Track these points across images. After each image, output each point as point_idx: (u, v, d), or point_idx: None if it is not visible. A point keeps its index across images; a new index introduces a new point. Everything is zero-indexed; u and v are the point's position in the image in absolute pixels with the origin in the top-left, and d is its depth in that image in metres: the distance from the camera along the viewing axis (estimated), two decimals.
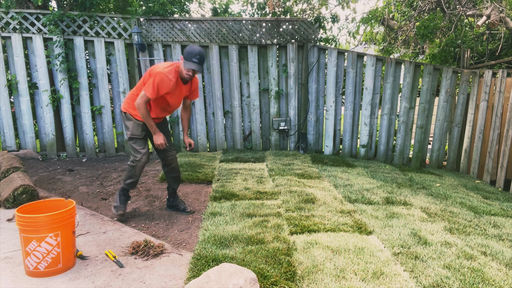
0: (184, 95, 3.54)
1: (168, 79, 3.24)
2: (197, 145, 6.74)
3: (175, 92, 3.38)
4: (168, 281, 2.35)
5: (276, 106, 6.70)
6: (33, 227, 2.35)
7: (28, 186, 3.73)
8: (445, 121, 6.44)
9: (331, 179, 4.83)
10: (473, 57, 7.35)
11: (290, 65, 6.53)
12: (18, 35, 6.05)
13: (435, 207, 3.88)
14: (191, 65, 3.19)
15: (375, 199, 4.00)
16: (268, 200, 3.87)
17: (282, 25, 6.50)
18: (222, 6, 8.05)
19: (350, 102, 6.58)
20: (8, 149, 6.21)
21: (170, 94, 3.36)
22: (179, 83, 3.37)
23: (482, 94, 5.90)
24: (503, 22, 5.88)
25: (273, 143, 6.82)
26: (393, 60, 6.41)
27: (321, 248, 2.71)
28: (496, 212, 3.93)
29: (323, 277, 2.32)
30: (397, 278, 2.34)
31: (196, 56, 3.18)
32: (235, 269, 2.06)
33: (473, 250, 2.84)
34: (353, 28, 9.24)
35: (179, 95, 3.47)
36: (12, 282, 2.33)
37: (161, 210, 3.75)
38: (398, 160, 6.61)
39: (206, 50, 6.49)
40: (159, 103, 3.42)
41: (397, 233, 3.06)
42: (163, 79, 3.22)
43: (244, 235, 2.90)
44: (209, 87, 6.62)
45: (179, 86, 3.39)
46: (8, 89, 6.20)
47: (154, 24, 6.30)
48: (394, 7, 8.04)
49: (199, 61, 3.21)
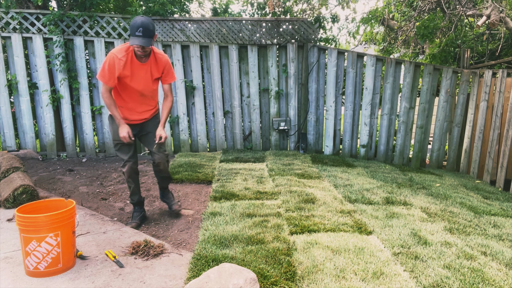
0: (152, 77, 3.18)
1: (117, 58, 2.95)
2: (197, 145, 6.74)
3: (135, 75, 3.08)
4: (168, 281, 2.35)
5: (276, 106, 6.70)
6: (33, 227, 2.34)
7: (28, 186, 3.73)
8: (445, 121, 6.44)
9: (331, 179, 4.83)
10: (473, 57, 7.35)
11: (290, 65, 6.54)
12: (18, 35, 6.05)
13: (435, 207, 3.88)
14: (135, 40, 2.86)
15: (375, 199, 4.00)
16: (268, 200, 3.87)
17: (282, 25, 6.50)
18: (222, 6, 8.05)
19: (350, 102, 6.58)
20: (8, 149, 6.21)
21: (129, 77, 3.07)
22: (136, 63, 3.05)
23: (482, 94, 5.90)
24: (503, 22, 5.88)
25: (273, 143, 6.82)
26: (393, 60, 6.41)
27: (321, 248, 2.71)
28: (496, 212, 3.93)
29: (323, 277, 2.32)
30: (397, 278, 2.34)
31: (139, 28, 2.83)
32: (235, 269, 2.06)
33: (473, 250, 2.84)
34: (353, 28, 9.24)
35: (143, 78, 3.13)
36: (12, 282, 2.33)
37: (161, 210, 3.75)
38: (398, 160, 6.61)
39: (206, 50, 6.49)
40: (127, 92, 3.14)
41: (397, 233, 3.06)
42: (113, 59, 2.95)
43: (244, 235, 2.90)
44: (209, 87, 6.62)
45: (138, 67, 3.07)
46: (8, 89, 6.21)
47: (154, 24, 6.30)
48: (394, 7, 8.04)
49: (143, 33, 2.85)
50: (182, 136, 6.63)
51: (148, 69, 3.12)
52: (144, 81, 3.15)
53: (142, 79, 3.12)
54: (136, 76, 3.10)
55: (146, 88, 3.19)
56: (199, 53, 6.44)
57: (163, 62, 3.19)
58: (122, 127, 3.12)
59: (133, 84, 3.11)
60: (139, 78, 3.11)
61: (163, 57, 3.21)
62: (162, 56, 3.21)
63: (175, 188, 4.43)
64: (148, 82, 3.17)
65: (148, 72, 3.13)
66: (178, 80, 6.44)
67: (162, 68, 3.20)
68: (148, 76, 3.14)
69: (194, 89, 6.52)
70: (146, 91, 3.20)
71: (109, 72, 2.97)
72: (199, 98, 6.56)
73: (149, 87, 3.21)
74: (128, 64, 3.02)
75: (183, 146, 6.65)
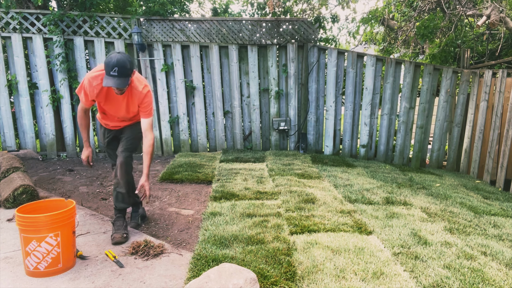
0: (131, 105, 2.94)
1: (91, 86, 2.78)
2: (197, 145, 6.74)
3: (110, 104, 2.91)
4: (168, 281, 2.35)
5: (276, 106, 6.70)
6: (33, 227, 2.34)
7: (28, 186, 3.73)
8: (445, 121, 6.44)
9: (331, 179, 4.83)
10: (473, 57, 7.35)
11: (290, 65, 6.54)
12: (18, 35, 6.05)
13: (435, 207, 3.88)
14: (109, 80, 2.60)
15: (375, 199, 4.00)
16: (268, 200, 3.87)
17: (282, 25, 6.50)
18: (222, 6, 8.05)
19: (350, 102, 6.58)
20: (8, 149, 6.21)
21: (103, 102, 2.91)
22: (112, 93, 2.86)
23: (482, 94, 5.90)
24: (503, 22, 5.88)
25: (273, 143, 6.82)
26: (393, 60, 6.41)
27: (321, 248, 2.71)
28: (496, 212, 3.93)
29: (323, 277, 2.32)
30: (397, 278, 2.34)
31: (114, 68, 2.56)
32: (235, 269, 2.06)
33: (473, 250, 2.84)
34: (353, 28, 9.24)
35: (120, 108, 2.93)
36: (12, 282, 2.33)
37: (161, 210, 3.75)
38: (398, 160, 6.61)
39: (206, 50, 6.49)
40: (106, 112, 3.02)
41: (397, 233, 3.06)
42: (88, 85, 2.79)
43: (244, 235, 2.90)
44: (209, 87, 6.62)
45: (114, 97, 2.87)
46: (8, 89, 6.20)
47: (154, 24, 6.31)
48: (394, 7, 8.04)
49: (118, 73, 2.58)
50: (182, 136, 6.63)
51: (124, 101, 2.91)
52: (122, 110, 2.97)
53: (119, 108, 2.95)
54: (113, 105, 2.93)
55: (126, 116, 3.03)
56: (199, 53, 6.44)
57: (138, 98, 2.90)
58: (84, 149, 3.14)
59: (110, 111, 2.98)
60: (116, 107, 2.93)
61: (139, 93, 2.89)
62: (138, 92, 2.89)
63: (175, 188, 4.43)
64: (126, 111, 2.99)
65: (124, 103, 2.93)
66: (178, 80, 6.44)
67: (137, 103, 2.94)
68: (125, 106, 2.95)
69: (194, 89, 6.52)
70: (122, 115, 3.03)
71: (84, 94, 2.85)
72: (199, 98, 6.56)
73: (126, 112, 3.01)
74: (103, 94, 2.85)
75: (183, 146, 6.65)
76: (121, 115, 3.01)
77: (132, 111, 3.01)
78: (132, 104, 2.95)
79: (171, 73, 6.49)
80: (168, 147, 6.66)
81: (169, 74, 6.50)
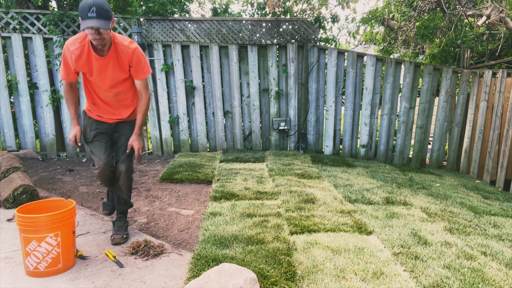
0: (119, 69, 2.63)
1: (69, 51, 2.50)
2: (197, 145, 6.74)
3: (95, 70, 2.59)
4: (168, 281, 2.35)
5: (276, 106, 6.70)
6: (33, 227, 2.34)
7: (28, 186, 3.73)
8: (445, 121, 6.44)
9: (331, 179, 4.83)
10: (473, 57, 7.35)
11: (290, 65, 6.54)
12: (18, 35, 6.05)
13: (435, 207, 3.88)
14: (87, 22, 2.30)
15: (375, 199, 4.00)
16: (268, 200, 3.87)
17: (282, 25, 6.50)
18: (222, 6, 8.05)
19: (350, 102, 6.58)
20: (8, 149, 6.21)
21: (88, 73, 2.61)
22: (95, 56, 2.53)
23: (482, 94, 5.90)
24: (503, 22, 5.88)
25: (273, 143, 6.82)
26: (393, 60, 6.41)
27: (321, 248, 2.71)
28: (496, 212, 3.94)
29: (323, 277, 2.32)
30: (397, 278, 2.34)
31: (91, 8, 2.29)
32: (235, 269, 2.06)
33: (473, 250, 2.84)
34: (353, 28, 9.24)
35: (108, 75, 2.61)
36: (12, 282, 2.33)
37: (161, 210, 3.75)
38: (398, 160, 6.61)
39: (206, 50, 6.49)
40: (95, 89, 2.72)
41: (397, 233, 3.06)
42: (66, 51, 2.52)
43: (244, 235, 2.90)
44: (209, 87, 6.62)
45: (98, 61, 2.55)
46: (8, 89, 6.21)
47: (154, 24, 6.31)
48: (394, 7, 8.04)
49: (97, 14, 2.30)
50: (182, 136, 6.63)
51: (109, 64, 2.58)
52: (111, 78, 2.64)
53: (106, 76, 2.62)
54: (98, 72, 2.59)
55: (116, 86, 2.69)
56: (199, 53, 6.44)
57: (126, 55, 2.58)
58: (72, 127, 2.76)
59: (96, 81, 2.64)
60: (102, 74, 2.60)
61: (126, 49, 2.58)
62: (124, 47, 2.58)
63: (175, 188, 4.43)
64: (115, 79, 2.66)
65: (111, 66, 2.59)
66: (178, 80, 6.44)
67: (127, 62, 2.61)
68: (112, 72, 2.62)
69: (194, 89, 6.52)
70: (117, 89, 2.71)
71: (64, 66, 2.56)
72: (199, 98, 6.56)
73: (120, 85, 2.70)
74: (84, 58, 2.53)
75: (183, 146, 6.66)
76: (113, 85, 2.66)
77: (122, 76, 2.66)
78: (121, 66, 2.61)
79: (171, 73, 6.49)
80: (168, 147, 6.66)
81: (169, 74, 6.50)
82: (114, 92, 2.73)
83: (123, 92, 2.77)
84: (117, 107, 2.81)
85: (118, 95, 2.76)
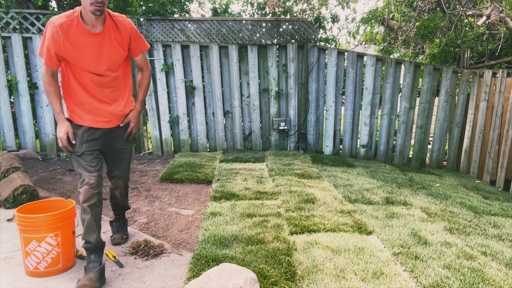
0: (118, 50, 2.33)
1: (54, 26, 2.14)
2: (197, 145, 6.74)
3: (84, 51, 2.21)
4: (168, 281, 2.35)
5: (276, 106, 6.70)
6: (33, 227, 2.34)
7: (28, 186, 3.73)
8: (445, 121, 6.44)
9: (331, 179, 4.83)
10: (473, 57, 7.35)
11: (290, 65, 6.54)
12: (18, 35, 6.05)
13: (435, 207, 3.88)
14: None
15: (375, 199, 4.00)
16: (268, 200, 3.87)
17: (282, 25, 6.50)
18: (222, 6, 8.05)
19: (350, 102, 6.59)
20: (8, 149, 6.21)
21: (79, 52, 2.20)
22: (85, 32, 2.18)
23: (482, 94, 5.90)
24: (503, 22, 5.88)
25: (273, 143, 6.82)
26: (393, 60, 6.41)
27: (321, 248, 2.71)
28: (496, 212, 3.94)
29: (323, 277, 2.32)
30: (397, 278, 2.34)
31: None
32: (235, 269, 2.06)
33: (473, 250, 2.84)
34: (353, 28, 9.25)
35: (100, 53, 2.25)
36: (12, 282, 2.33)
37: (161, 210, 3.75)
38: (398, 160, 6.61)
39: (206, 50, 6.49)
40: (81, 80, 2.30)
41: (397, 233, 3.06)
42: (51, 29, 2.15)
43: (244, 235, 2.90)
44: (209, 87, 6.62)
45: (88, 38, 2.19)
46: (8, 89, 6.21)
47: (154, 24, 6.31)
48: (394, 7, 8.04)
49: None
50: (182, 136, 6.63)
51: (104, 41, 2.26)
52: (107, 58, 2.30)
53: (102, 56, 2.27)
54: (91, 52, 2.23)
55: (113, 69, 2.35)
56: (199, 53, 6.44)
57: (127, 27, 2.35)
58: (61, 124, 2.29)
59: (88, 66, 2.26)
60: (97, 54, 2.25)
61: (124, 20, 2.36)
62: (123, 18, 2.36)
63: (175, 188, 4.43)
64: (112, 59, 2.32)
65: (106, 45, 2.27)
66: (178, 80, 6.44)
67: (127, 36, 2.36)
68: (109, 51, 2.29)
69: (194, 89, 6.52)
70: (113, 74, 2.36)
71: (46, 48, 2.19)
72: (199, 98, 6.56)
73: (117, 68, 2.38)
74: (73, 34, 2.16)
75: (183, 146, 6.66)
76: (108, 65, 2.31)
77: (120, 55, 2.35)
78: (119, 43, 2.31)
79: (171, 73, 6.49)
80: (168, 147, 6.66)
81: (169, 74, 6.50)
82: (110, 78, 2.35)
83: (118, 78, 2.41)
84: (110, 100, 2.41)
85: (113, 83, 2.38)
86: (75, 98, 2.37)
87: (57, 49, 2.19)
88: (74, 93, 2.36)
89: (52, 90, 2.32)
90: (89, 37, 2.21)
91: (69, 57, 2.23)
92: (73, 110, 2.39)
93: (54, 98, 2.32)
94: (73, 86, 2.34)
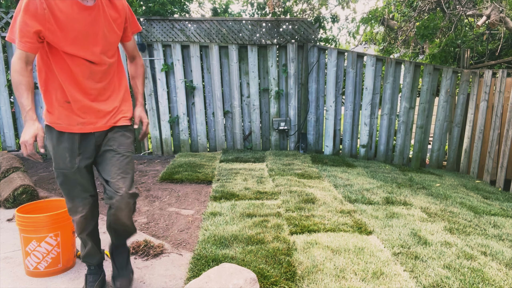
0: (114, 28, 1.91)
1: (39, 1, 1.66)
2: (197, 145, 6.74)
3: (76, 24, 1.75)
4: (168, 281, 2.35)
5: (276, 106, 6.70)
6: (33, 227, 2.35)
7: (28, 186, 3.73)
8: (445, 121, 6.44)
9: (331, 179, 4.83)
10: (473, 57, 7.35)
11: (290, 65, 6.54)
12: None
13: (435, 207, 3.88)
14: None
15: (375, 199, 4.00)
16: (268, 200, 3.87)
17: (282, 25, 6.50)
18: (222, 6, 8.06)
19: (350, 102, 6.58)
20: (8, 149, 6.21)
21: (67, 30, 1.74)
22: (76, 3, 1.74)
23: (482, 94, 5.90)
24: (503, 22, 5.88)
25: (273, 143, 6.82)
26: (393, 60, 6.41)
27: (321, 248, 2.71)
28: (496, 212, 3.94)
29: (323, 277, 2.32)
30: (397, 278, 2.34)
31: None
32: (235, 269, 2.06)
33: (473, 250, 2.84)
34: (353, 28, 9.24)
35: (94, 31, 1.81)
36: (12, 282, 2.33)
37: (161, 210, 3.75)
38: (398, 160, 6.61)
39: (206, 50, 6.49)
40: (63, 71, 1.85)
41: (397, 233, 3.06)
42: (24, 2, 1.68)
43: (244, 235, 2.90)
44: (209, 87, 6.62)
45: (78, 12, 1.75)
46: (8, 89, 6.21)
47: (154, 24, 6.31)
48: (394, 7, 8.04)
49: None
50: (182, 136, 6.63)
51: (98, 17, 1.82)
52: (102, 38, 1.86)
53: (96, 35, 1.83)
54: (77, 30, 1.77)
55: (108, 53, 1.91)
56: (199, 53, 6.44)
57: (123, 3, 1.96)
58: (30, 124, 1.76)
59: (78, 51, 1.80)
60: (90, 34, 1.81)
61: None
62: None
63: (175, 188, 4.43)
64: (107, 40, 1.89)
65: (100, 22, 1.83)
66: (178, 80, 6.44)
67: (124, 13, 1.97)
68: (103, 29, 1.85)
69: (194, 89, 6.52)
70: (109, 60, 1.93)
71: (23, 25, 1.69)
72: (199, 98, 6.56)
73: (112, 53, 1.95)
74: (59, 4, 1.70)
75: (183, 146, 6.66)
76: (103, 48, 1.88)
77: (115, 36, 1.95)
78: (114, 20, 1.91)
79: (171, 73, 6.49)
80: (168, 147, 6.66)
81: (169, 74, 6.50)
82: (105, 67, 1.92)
83: (112, 66, 1.98)
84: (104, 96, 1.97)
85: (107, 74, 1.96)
86: (59, 95, 1.89)
87: (39, 25, 1.70)
88: (58, 89, 1.88)
89: (24, 82, 1.78)
90: (79, 11, 1.75)
91: (55, 37, 1.75)
92: (54, 113, 1.91)
93: (25, 92, 1.77)
94: (56, 80, 1.87)
